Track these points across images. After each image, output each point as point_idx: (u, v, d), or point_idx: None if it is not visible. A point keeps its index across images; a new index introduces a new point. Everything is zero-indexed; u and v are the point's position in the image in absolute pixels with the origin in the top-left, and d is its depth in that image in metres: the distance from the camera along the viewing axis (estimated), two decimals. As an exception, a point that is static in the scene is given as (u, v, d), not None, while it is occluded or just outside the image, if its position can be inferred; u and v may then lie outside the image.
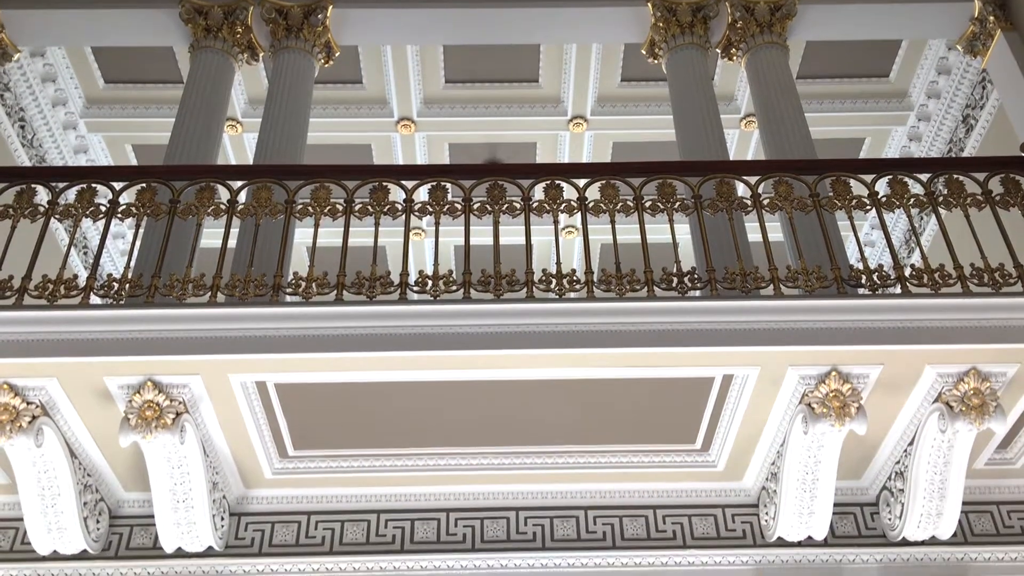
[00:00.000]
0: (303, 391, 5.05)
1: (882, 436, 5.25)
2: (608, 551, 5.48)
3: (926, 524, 5.24)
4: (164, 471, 4.99)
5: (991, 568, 5.41)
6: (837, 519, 5.49)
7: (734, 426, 5.28)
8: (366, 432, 5.37)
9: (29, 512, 5.06)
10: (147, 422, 4.65)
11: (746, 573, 5.43)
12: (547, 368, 4.92)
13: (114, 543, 5.46)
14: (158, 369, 4.70)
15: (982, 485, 5.61)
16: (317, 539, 5.53)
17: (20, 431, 4.61)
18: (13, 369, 4.63)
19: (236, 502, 5.62)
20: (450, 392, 5.08)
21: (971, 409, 4.66)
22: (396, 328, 4.80)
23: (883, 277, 5.01)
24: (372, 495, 5.66)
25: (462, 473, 5.59)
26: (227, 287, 5.04)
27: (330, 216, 5.36)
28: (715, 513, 5.65)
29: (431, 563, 5.45)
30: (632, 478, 5.65)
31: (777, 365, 4.82)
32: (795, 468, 5.10)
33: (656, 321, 4.82)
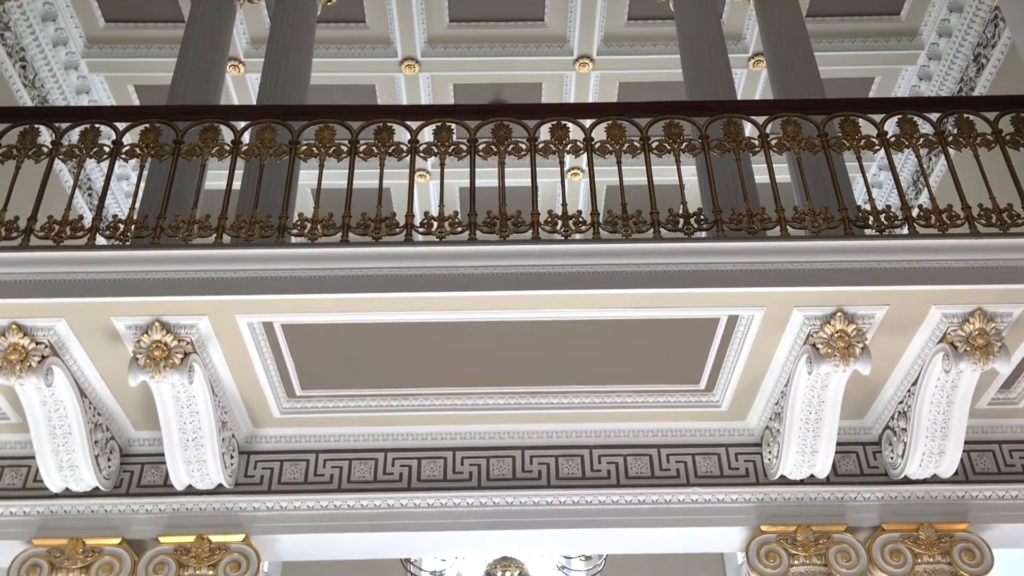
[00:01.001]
0: (310, 332, 5.07)
1: (886, 376, 5.28)
2: (612, 489, 5.55)
3: (928, 463, 5.30)
4: (173, 410, 5.04)
5: (991, 505, 5.48)
6: (839, 458, 5.55)
7: (738, 367, 5.31)
8: (373, 372, 5.41)
9: (41, 451, 5.13)
10: (156, 362, 4.68)
11: (748, 511, 5.50)
12: (552, 309, 4.93)
13: (125, 480, 5.54)
14: (165, 310, 4.72)
15: (985, 424, 5.66)
16: (325, 477, 5.60)
17: (30, 371, 4.65)
18: (21, 309, 4.65)
19: (245, 441, 5.69)
20: (456, 333, 5.10)
21: (976, 349, 4.67)
22: (401, 269, 4.80)
23: (891, 218, 4.99)
24: (379, 434, 5.72)
25: (468, 413, 5.65)
26: (232, 228, 5.03)
27: (335, 157, 5.33)
28: (718, 452, 5.71)
29: (438, 500, 5.53)
30: (637, 418, 5.70)
31: (782, 306, 4.82)
32: (799, 408, 5.14)
33: (662, 262, 4.81)
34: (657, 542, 5.74)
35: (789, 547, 5.34)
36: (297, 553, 5.80)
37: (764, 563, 5.34)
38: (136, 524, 5.40)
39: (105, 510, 5.43)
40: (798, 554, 5.32)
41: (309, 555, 5.90)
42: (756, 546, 5.39)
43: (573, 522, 5.49)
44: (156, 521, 5.41)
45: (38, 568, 5.24)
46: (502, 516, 5.52)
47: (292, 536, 5.47)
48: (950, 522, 5.40)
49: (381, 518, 5.48)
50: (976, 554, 5.32)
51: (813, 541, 5.34)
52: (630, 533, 5.56)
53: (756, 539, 5.40)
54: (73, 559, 5.23)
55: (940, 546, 5.32)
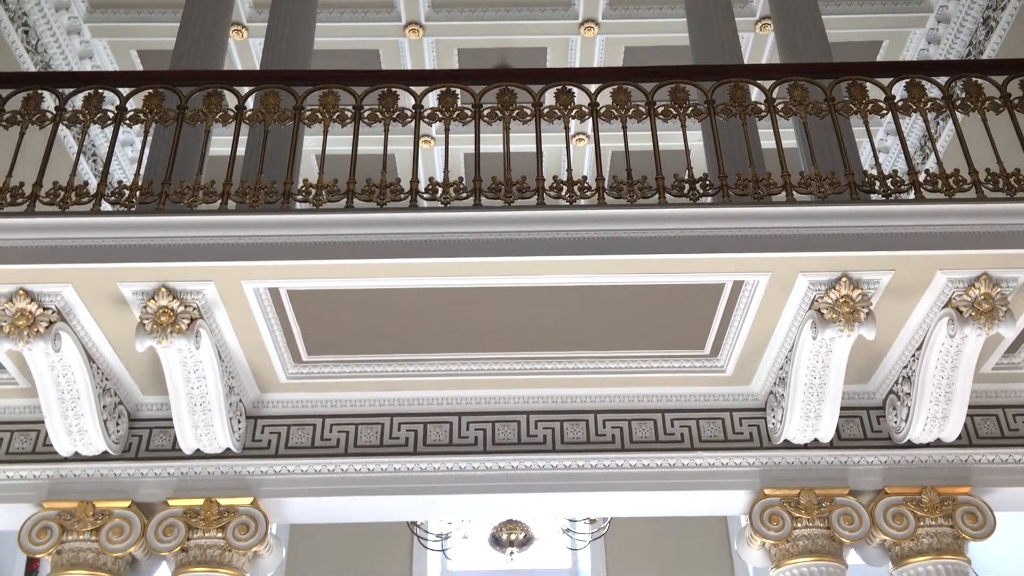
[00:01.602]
0: (315, 297, 5.09)
1: (891, 341, 5.29)
2: (617, 453, 5.59)
3: (931, 427, 5.32)
4: (180, 375, 5.08)
5: (994, 469, 5.51)
6: (843, 422, 5.58)
7: (743, 332, 5.33)
8: (379, 338, 5.43)
9: (50, 415, 5.18)
10: (162, 327, 4.71)
11: (752, 475, 5.54)
12: (558, 275, 4.93)
13: (134, 445, 5.59)
14: (171, 275, 4.73)
15: (989, 389, 5.68)
16: (332, 441, 5.65)
17: (37, 336, 4.68)
18: (28, 275, 4.67)
19: (252, 406, 5.73)
20: (461, 298, 5.12)
21: (981, 314, 4.67)
22: (406, 235, 4.80)
23: (897, 183, 4.98)
24: (385, 399, 5.76)
25: (474, 378, 5.68)
26: (237, 194, 5.04)
27: (339, 122, 5.31)
28: (723, 417, 5.74)
29: (443, 465, 5.57)
30: (641, 383, 5.73)
31: (787, 271, 4.83)
32: (803, 373, 5.16)
33: (667, 228, 4.81)
34: (661, 505, 5.80)
35: (792, 510, 5.38)
36: (304, 516, 5.86)
37: (767, 526, 5.38)
38: (145, 488, 5.46)
39: (114, 474, 5.49)
40: (801, 517, 5.36)
41: (316, 518, 5.97)
42: (759, 509, 5.43)
43: (578, 486, 5.54)
44: (165, 485, 5.47)
45: (49, 531, 5.31)
46: (507, 480, 5.56)
47: (299, 499, 5.52)
48: (953, 486, 5.44)
49: (387, 482, 5.53)
50: (978, 517, 5.36)
51: (816, 504, 5.39)
52: (634, 497, 5.61)
53: (759, 502, 5.45)
54: (83, 522, 5.29)
55: (942, 509, 5.36)
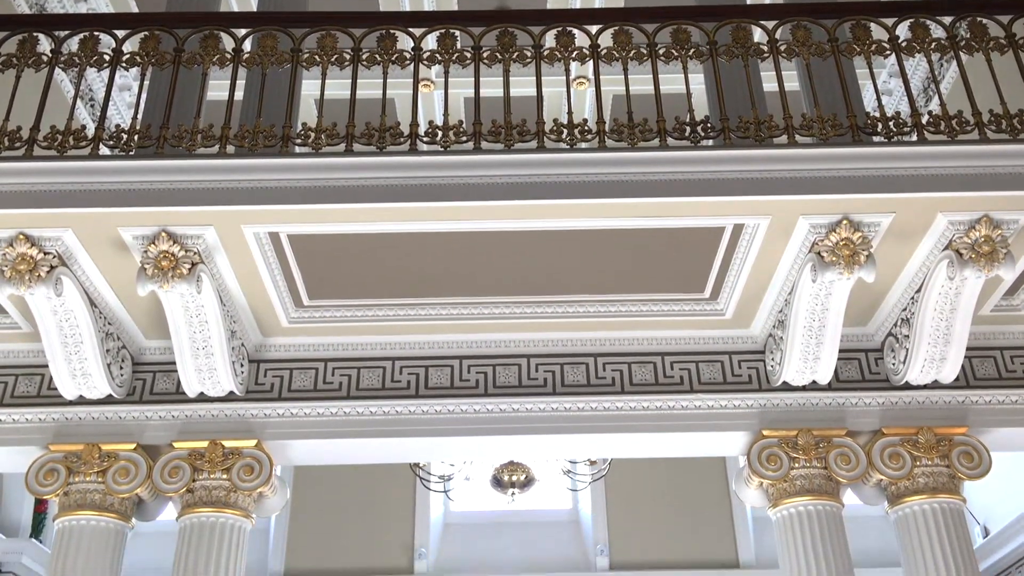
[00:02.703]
0: (316, 242, 5.09)
1: (890, 283, 5.30)
2: (617, 396, 5.64)
3: (929, 369, 5.36)
4: (183, 320, 5.10)
5: (991, 410, 5.57)
6: (841, 364, 5.61)
7: (743, 275, 5.34)
8: (380, 282, 5.45)
9: (53, 359, 5.22)
10: (163, 272, 4.72)
11: (750, 416, 5.60)
12: (558, 219, 4.93)
13: (138, 388, 5.64)
14: (171, 220, 4.73)
15: (987, 331, 5.71)
16: (334, 385, 5.69)
17: (39, 281, 4.69)
18: (28, 220, 4.66)
19: (255, 349, 5.77)
20: (461, 242, 5.12)
21: (981, 256, 4.68)
22: (406, 179, 4.79)
23: (899, 125, 4.95)
24: (387, 343, 5.80)
25: (475, 322, 5.71)
26: (236, 138, 5.01)
27: (337, 65, 5.26)
28: (722, 359, 5.78)
29: (445, 407, 5.62)
30: (641, 326, 5.76)
31: (788, 214, 4.82)
32: (803, 315, 5.18)
33: (668, 171, 4.79)
34: (660, 447, 5.86)
35: (790, 451, 5.45)
36: (308, 458, 5.94)
37: (765, 466, 5.45)
38: (150, 430, 5.53)
39: (119, 417, 5.54)
40: (799, 457, 5.43)
41: (320, 460, 6.05)
42: (758, 450, 5.50)
43: (578, 428, 5.60)
44: (170, 427, 5.53)
45: (55, 473, 5.38)
46: (508, 422, 5.62)
47: (303, 442, 5.59)
48: (949, 426, 5.50)
49: (389, 424, 5.59)
50: (974, 457, 5.43)
51: (814, 445, 5.45)
52: (634, 438, 5.67)
53: (758, 443, 5.51)
54: (89, 464, 5.37)
55: (939, 449, 5.42)
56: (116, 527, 5.36)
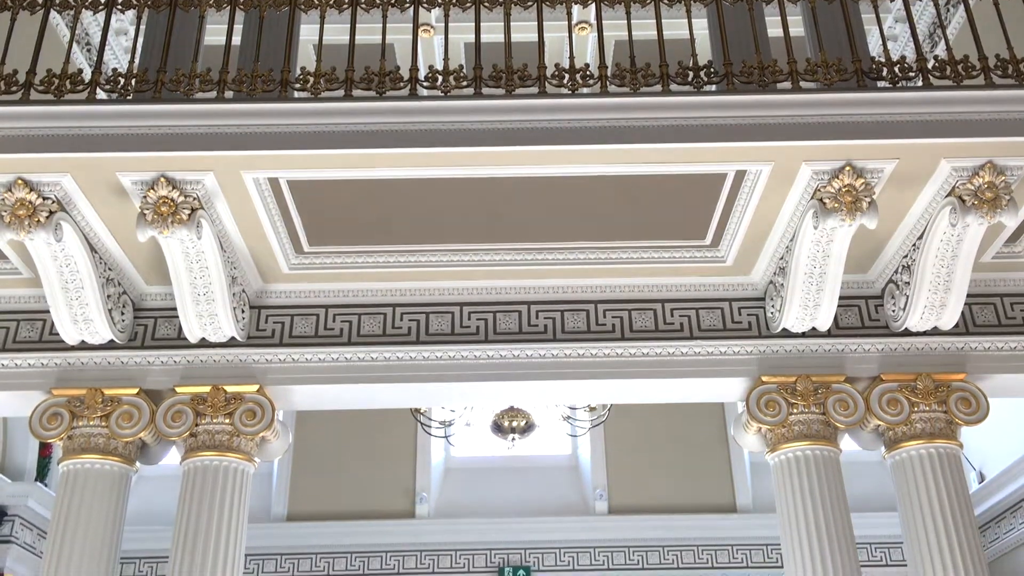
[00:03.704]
0: (316, 188, 5.07)
1: (892, 230, 5.29)
2: (617, 342, 5.66)
3: (929, 315, 5.37)
4: (183, 265, 5.10)
5: (990, 356, 5.59)
6: (841, 311, 5.62)
7: (744, 222, 5.32)
8: (380, 228, 5.43)
9: (55, 305, 5.23)
10: (163, 217, 4.70)
11: (750, 362, 5.62)
12: (559, 165, 4.90)
13: (140, 334, 5.67)
14: (170, 165, 4.70)
15: (988, 278, 5.71)
16: (335, 331, 5.71)
17: (38, 226, 4.68)
18: (26, 164, 4.64)
19: (255, 296, 5.78)
20: (462, 189, 5.09)
21: (984, 203, 4.66)
22: (406, 124, 4.75)
23: (905, 69, 4.89)
24: (387, 289, 5.80)
25: (475, 268, 5.71)
26: (234, 82, 4.95)
27: (335, 8, 5.19)
28: (722, 306, 5.79)
29: (446, 353, 5.65)
30: (642, 273, 5.76)
31: (791, 160, 4.79)
32: (803, 262, 5.17)
33: (670, 116, 4.75)
34: (660, 392, 5.90)
35: (788, 396, 5.48)
36: (310, 403, 5.98)
37: (764, 412, 5.49)
38: (152, 375, 5.56)
39: (121, 362, 5.57)
40: (797, 403, 5.47)
41: (321, 405, 6.09)
42: (756, 396, 5.53)
43: (578, 373, 5.63)
44: (172, 372, 5.57)
45: (59, 417, 5.42)
46: (509, 368, 5.65)
47: (304, 387, 5.63)
48: (948, 372, 5.53)
49: (390, 370, 5.62)
50: (972, 403, 5.46)
51: (812, 391, 5.48)
52: (634, 384, 5.70)
53: (757, 389, 5.55)
54: (92, 408, 5.41)
55: (937, 395, 5.46)
56: (120, 470, 5.42)
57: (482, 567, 9.78)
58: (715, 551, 9.80)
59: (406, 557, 9.77)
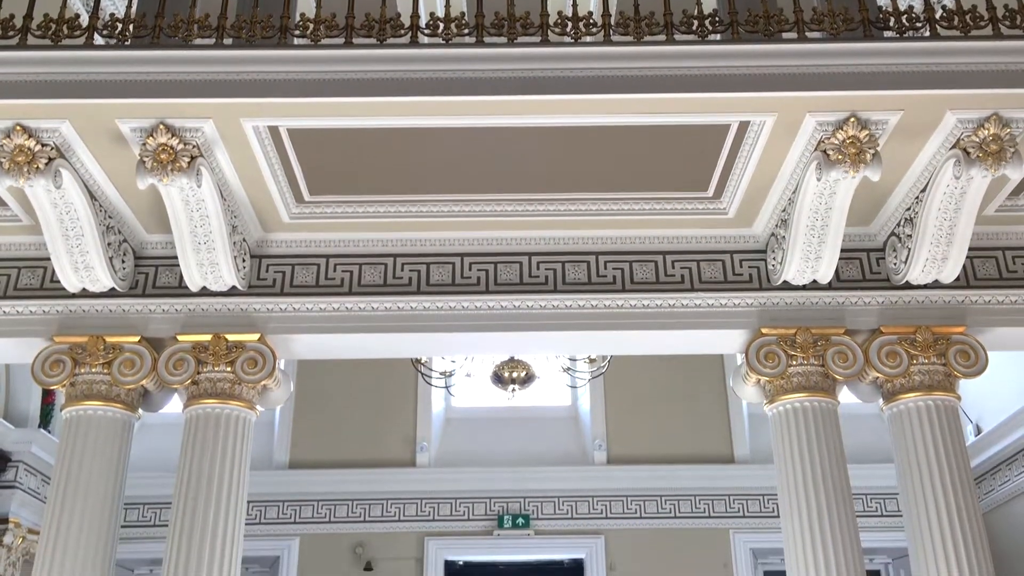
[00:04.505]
0: (316, 136, 5.03)
1: (895, 183, 5.26)
2: (618, 294, 5.67)
3: (930, 268, 5.37)
4: (183, 214, 5.09)
5: (990, 310, 5.60)
6: (843, 264, 5.62)
7: (747, 174, 5.29)
8: (381, 178, 5.41)
9: (55, 252, 5.23)
10: (163, 165, 4.68)
11: (750, 315, 5.63)
12: (562, 114, 4.86)
13: (141, 282, 5.67)
14: (169, 112, 4.67)
15: (990, 231, 5.70)
16: (336, 280, 5.71)
17: (38, 173, 4.66)
18: (24, 110, 4.60)
19: (256, 245, 5.77)
20: (463, 138, 5.06)
21: (988, 155, 4.63)
22: (407, 72, 4.70)
23: (912, 19, 4.83)
24: (388, 240, 5.80)
25: (476, 219, 5.69)
26: (232, 28, 4.90)
27: (336, -47, 5.11)
28: (723, 259, 5.79)
29: (446, 304, 5.66)
30: (643, 225, 5.74)
31: (795, 111, 4.75)
32: (805, 215, 5.16)
33: (674, 66, 4.70)
34: (660, 344, 5.93)
35: (788, 348, 5.50)
36: (311, 352, 6.01)
37: (763, 363, 5.51)
38: (154, 323, 5.58)
39: (123, 310, 5.59)
40: (796, 355, 5.49)
41: (322, 354, 6.12)
42: (756, 348, 5.55)
43: (579, 325, 5.65)
44: (173, 320, 5.58)
45: (61, 364, 5.45)
46: (509, 319, 5.67)
47: (305, 336, 5.65)
48: (948, 325, 5.54)
49: (391, 320, 5.63)
50: (971, 355, 5.48)
51: (812, 343, 5.50)
52: (634, 336, 5.72)
53: (756, 341, 5.57)
54: (94, 355, 5.43)
55: (936, 348, 5.48)
56: (123, 417, 5.46)
57: (481, 515, 9.89)
58: (712, 501, 9.91)
59: (406, 505, 9.89)
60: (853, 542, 5.18)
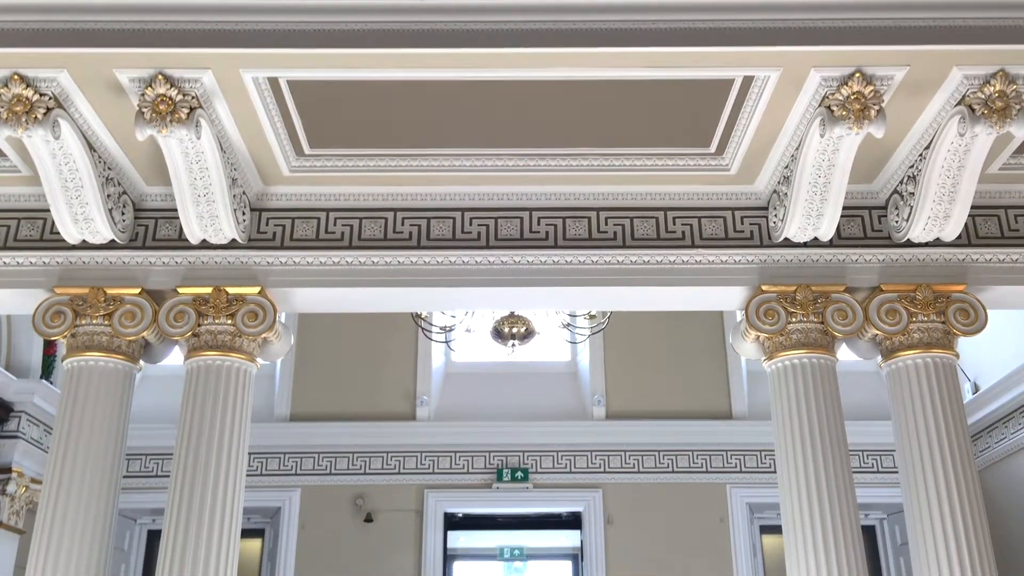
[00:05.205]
0: (317, 88, 4.99)
1: (899, 140, 5.23)
2: (618, 250, 5.66)
3: (932, 226, 5.35)
4: (183, 166, 5.07)
5: (991, 268, 5.61)
6: (844, 221, 5.61)
7: (750, 130, 5.26)
8: (382, 131, 5.37)
9: (55, 203, 5.22)
10: (162, 116, 4.65)
11: (750, 271, 5.63)
12: (565, 68, 4.81)
13: (141, 234, 5.67)
14: (168, 62, 4.62)
15: (993, 189, 5.68)
16: (336, 234, 5.71)
17: (36, 123, 4.62)
18: (22, 59, 4.56)
19: (256, 198, 5.75)
20: (466, 92, 5.01)
21: (993, 112, 4.59)
22: (410, 23, 4.64)
23: (920, -28, 4.77)
24: (389, 194, 5.78)
25: (477, 174, 5.67)
26: (232, -24, 4.83)
27: (337, -101, 5.02)
28: (724, 215, 5.77)
29: (447, 259, 5.65)
30: (645, 181, 5.72)
31: (799, 66, 4.70)
32: (808, 171, 5.13)
33: (677, 19, 4.63)
34: (660, 300, 5.93)
35: (788, 306, 5.51)
36: (311, 306, 6.01)
37: (762, 320, 5.53)
38: (154, 276, 5.58)
39: (123, 262, 5.59)
40: (796, 312, 5.50)
41: (323, 308, 6.12)
42: (756, 304, 5.56)
43: (579, 280, 5.65)
44: (173, 273, 5.59)
45: (62, 315, 5.47)
46: (510, 274, 5.67)
47: (305, 290, 5.65)
48: (948, 283, 5.55)
49: (391, 274, 5.63)
50: (971, 313, 5.49)
51: (812, 300, 5.51)
52: (634, 292, 5.73)
53: (756, 298, 5.57)
54: (95, 307, 5.45)
55: (936, 306, 5.49)
56: (124, 368, 5.49)
57: (481, 468, 9.97)
58: (709, 456, 9.97)
59: (406, 457, 9.96)
60: (849, 498, 5.23)
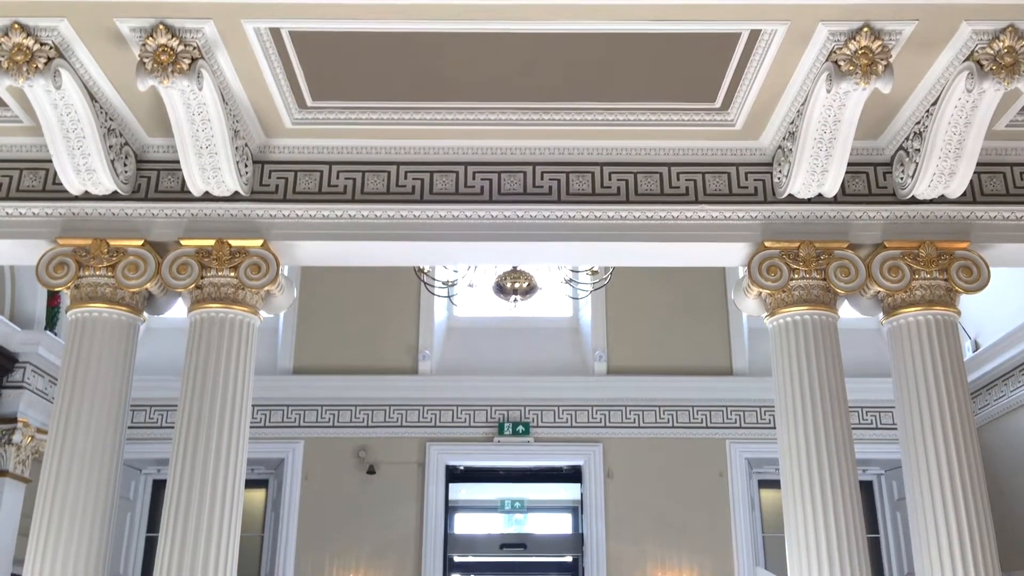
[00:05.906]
0: (319, 40, 4.94)
1: (906, 96, 5.19)
2: (622, 205, 5.65)
3: (937, 183, 5.33)
4: (184, 117, 5.04)
5: (995, 225, 5.59)
6: (849, 178, 5.59)
7: (756, 84, 5.22)
8: (385, 84, 5.33)
9: (56, 154, 5.20)
10: (163, 66, 4.61)
11: (754, 227, 5.62)
12: (570, 20, 4.75)
13: (143, 186, 5.65)
14: (168, 12, 4.58)
15: (999, 147, 5.65)
16: (339, 187, 5.69)
17: (37, 72, 4.60)
18: (22, 8, 4.51)
19: (258, 151, 5.73)
20: (469, 45, 4.96)
21: (1002, 68, 4.55)
22: (412, -27, 4.59)
23: (931, -75, 4.69)
24: (392, 147, 5.75)
25: (480, 128, 5.64)
26: (233, -76, 4.76)
27: None
28: (729, 171, 5.75)
29: (450, 212, 5.64)
30: (649, 136, 5.69)
31: (807, 19, 4.65)
32: (814, 127, 5.10)
33: (684, -30, 4.58)
34: (663, 256, 5.93)
35: (791, 262, 5.50)
36: (313, 259, 6.01)
37: (765, 276, 5.53)
38: (157, 227, 5.58)
39: (126, 213, 5.58)
40: (799, 268, 5.49)
41: (325, 261, 6.12)
42: (759, 261, 5.55)
43: (582, 235, 5.64)
44: (176, 225, 5.58)
45: (65, 266, 5.47)
46: (513, 228, 5.66)
47: (308, 243, 5.65)
48: (951, 241, 5.54)
49: (394, 228, 5.63)
50: (973, 271, 5.49)
51: (814, 257, 5.50)
52: (637, 247, 5.72)
53: (759, 254, 5.57)
54: (99, 258, 5.45)
55: (939, 263, 5.48)
56: (128, 319, 5.51)
57: (482, 422, 10.05)
58: (710, 411, 10.04)
59: (408, 411, 10.03)
60: (847, 453, 5.26)
